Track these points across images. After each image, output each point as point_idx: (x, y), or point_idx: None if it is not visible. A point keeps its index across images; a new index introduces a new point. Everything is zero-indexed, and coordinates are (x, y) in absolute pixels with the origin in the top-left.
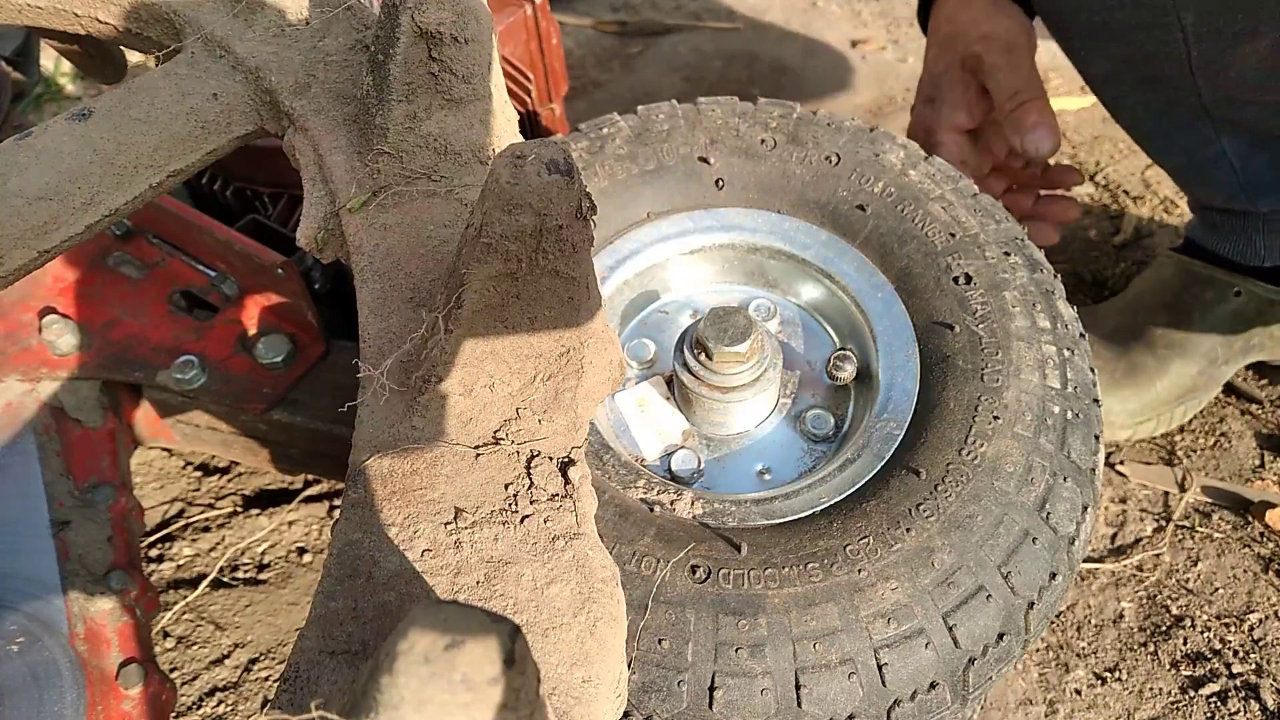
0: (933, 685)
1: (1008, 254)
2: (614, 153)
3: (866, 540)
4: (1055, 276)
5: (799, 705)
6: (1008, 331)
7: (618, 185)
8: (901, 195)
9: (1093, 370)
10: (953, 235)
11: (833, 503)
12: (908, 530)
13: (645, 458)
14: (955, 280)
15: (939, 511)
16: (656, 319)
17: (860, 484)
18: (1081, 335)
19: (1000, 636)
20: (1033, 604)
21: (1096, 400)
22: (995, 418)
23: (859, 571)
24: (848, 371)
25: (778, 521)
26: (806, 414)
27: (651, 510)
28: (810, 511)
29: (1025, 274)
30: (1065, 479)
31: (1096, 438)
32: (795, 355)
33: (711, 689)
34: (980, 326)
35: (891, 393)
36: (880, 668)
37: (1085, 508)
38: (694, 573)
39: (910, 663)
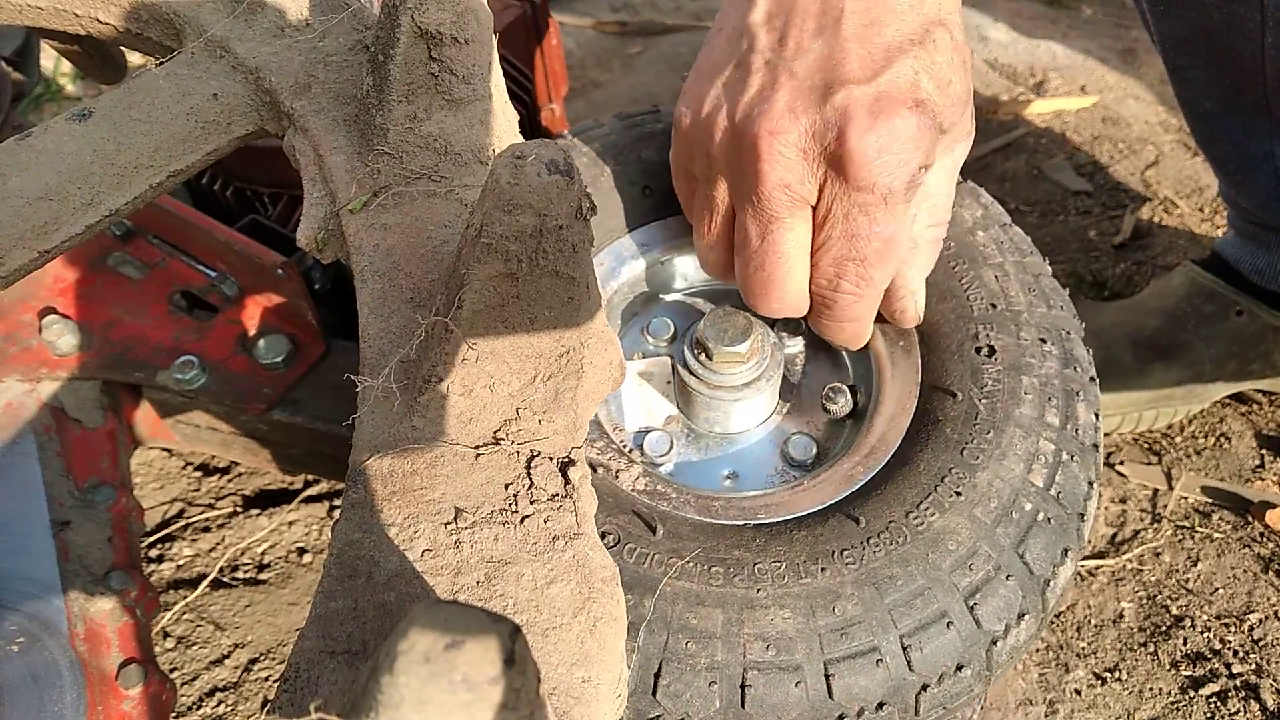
0: None
1: (1043, 340)
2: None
3: (778, 565)
4: (1091, 380)
5: (654, 694)
6: (1009, 415)
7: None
8: (959, 253)
9: (1090, 485)
10: (994, 306)
11: (768, 521)
12: (822, 569)
13: (624, 427)
14: (978, 350)
15: (860, 562)
16: (682, 304)
17: (801, 513)
18: (1095, 446)
19: (880, 705)
20: (927, 686)
21: (1082, 515)
22: (957, 493)
23: (757, 590)
24: (839, 405)
25: (708, 521)
26: (792, 436)
27: (594, 471)
28: (743, 522)
29: (1055, 365)
30: (1008, 577)
31: (1065, 551)
32: (809, 380)
33: None
34: (983, 402)
35: (873, 440)
36: (744, 687)
37: (1022, 615)
38: (603, 538)
39: (776, 693)
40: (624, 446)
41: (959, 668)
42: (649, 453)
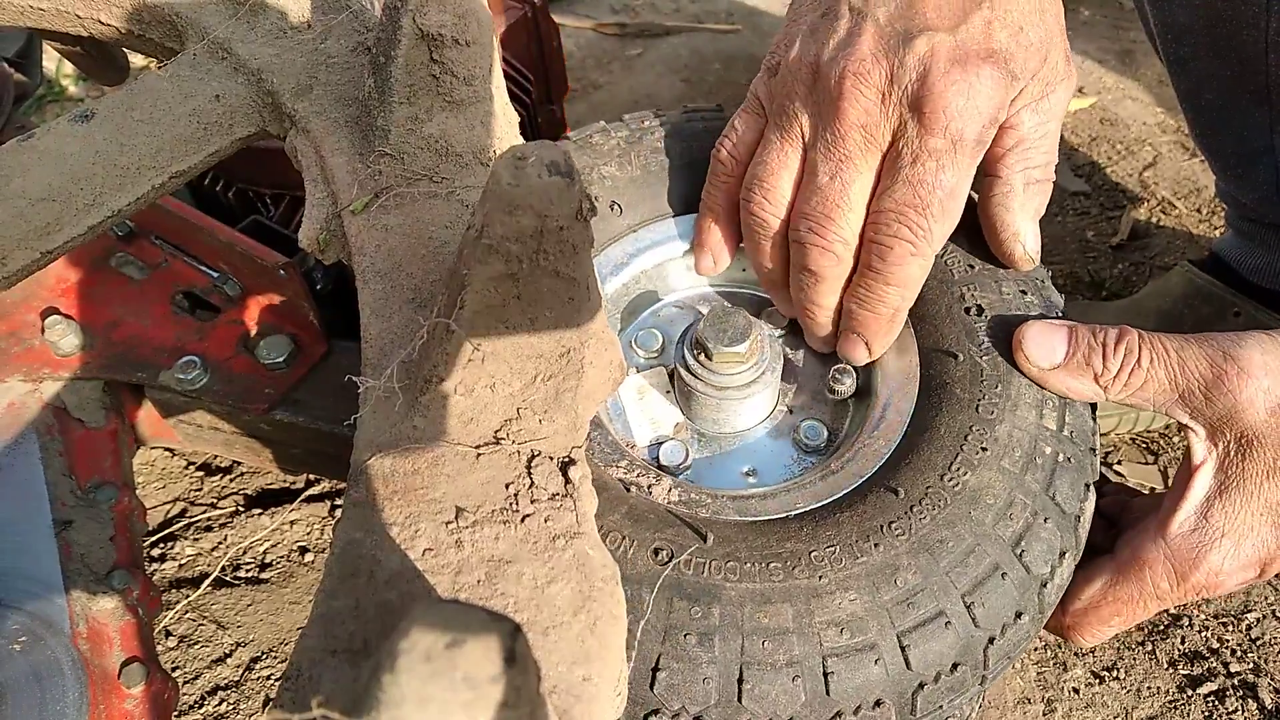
0: (878, 703)
1: (1024, 292)
2: (650, 145)
3: (833, 549)
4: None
5: (739, 700)
6: (1011, 367)
7: (650, 176)
8: None
9: (1093, 419)
10: (972, 267)
11: (808, 509)
12: (875, 545)
13: (636, 443)
14: (967, 310)
15: (910, 532)
16: (669, 313)
17: (838, 495)
18: None
19: (954, 666)
20: (993, 639)
21: (1094, 449)
22: (983, 449)
23: (819, 578)
24: (846, 386)
25: (750, 519)
26: (802, 423)
27: (627, 490)
28: (784, 514)
29: (1039, 312)
30: (1046, 519)
31: (1087, 486)
32: (805, 364)
33: (655, 669)
34: (984, 359)
35: (886, 413)
36: (826, 676)
37: (1064, 553)
38: (656, 555)
39: (858, 675)
40: (648, 462)
41: (1018, 615)
42: (667, 464)
